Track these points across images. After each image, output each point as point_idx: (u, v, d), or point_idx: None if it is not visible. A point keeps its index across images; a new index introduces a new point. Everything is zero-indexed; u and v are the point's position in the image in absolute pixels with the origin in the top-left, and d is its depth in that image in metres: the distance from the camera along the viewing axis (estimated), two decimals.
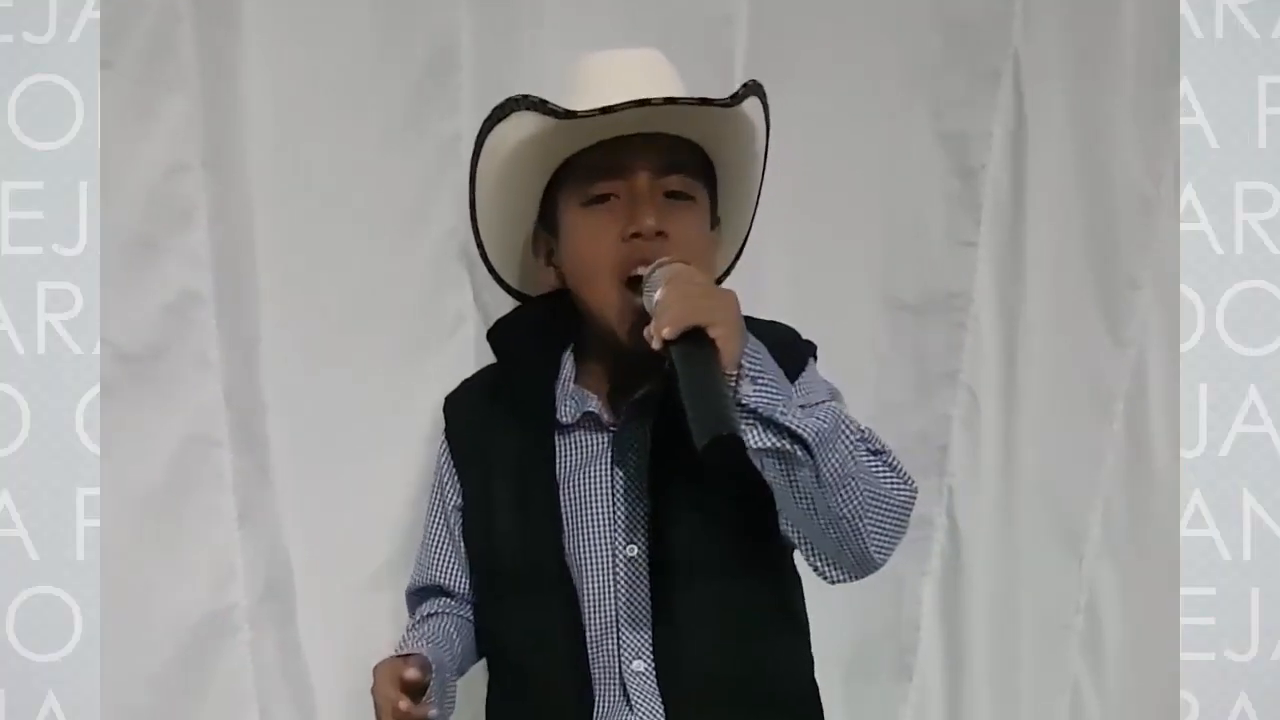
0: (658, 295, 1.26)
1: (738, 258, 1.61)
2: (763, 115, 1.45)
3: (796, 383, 1.34)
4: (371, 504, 1.68)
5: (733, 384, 1.21)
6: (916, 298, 1.85)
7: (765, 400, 1.21)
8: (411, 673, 1.22)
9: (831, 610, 1.77)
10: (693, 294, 1.24)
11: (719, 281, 1.57)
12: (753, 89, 1.39)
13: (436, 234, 1.68)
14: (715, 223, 1.48)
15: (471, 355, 1.70)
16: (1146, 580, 1.80)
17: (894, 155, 1.82)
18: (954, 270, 1.83)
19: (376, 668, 1.26)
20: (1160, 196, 1.78)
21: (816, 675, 1.47)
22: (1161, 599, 1.59)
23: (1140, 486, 1.83)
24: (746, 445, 1.20)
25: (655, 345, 1.20)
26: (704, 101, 1.34)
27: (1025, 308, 1.84)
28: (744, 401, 1.21)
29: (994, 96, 1.79)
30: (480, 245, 1.51)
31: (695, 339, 1.19)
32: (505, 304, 1.66)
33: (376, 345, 1.68)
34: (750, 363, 1.22)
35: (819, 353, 1.48)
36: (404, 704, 1.20)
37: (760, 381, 1.22)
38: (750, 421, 1.21)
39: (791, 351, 1.40)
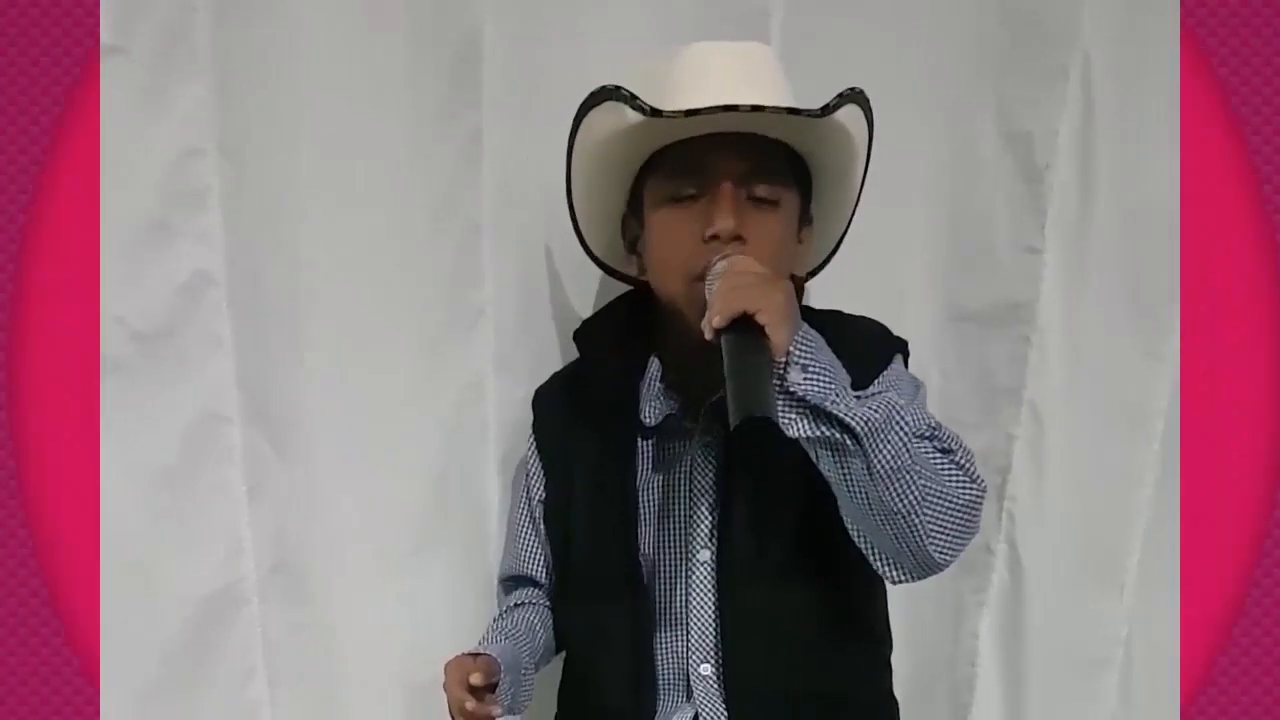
0: (714, 287, 1.35)
1: (832, 254, 1.69)
2: (864, 122, 1.51)
3: (879, 378, 1.42)
4: (390, 491, 1.79)
5: (781, 371, 1.28)
6: (981, 307, 1.88)
7: (815, 388, 1.29)
8: (476, 677, 1.36)
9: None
10: (742, 283, 1.32)
11: (809, 277, 1.68)
12: (849, 97, 1.45)
13: (459, 226, 1.76)
14: (808, 222, 1.56)
15: (491, 348, 1.79)
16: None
17: (956, 156, 1.85)
18: (1019, 279, 1.86)
19: (447, 665, 1.39)
20: None
21: None
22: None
23: (1171, 512, 1.80)
24: (799, 435, 1.29)
25: (708, 335, 1.29)
26: (793, 111, 1.41)
27: (1087, 321, 1.86)
28: (792, 389, 1.28)
29: (1062, 94, 1.81)
30: (576, 224, 1.61)
31: (744, 326, 1.28)
32: (527, 298, 1.80)
33: (397, 335, 1.77)
34: (801, 350, 1.29)
35: None
36: (470, 704, 1.35)
37: (811, 369, 1.29)
38: (800, 410, 1.29)
39: (876, 347, 1.50)
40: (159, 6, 1.63)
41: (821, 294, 1.75)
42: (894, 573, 1.38)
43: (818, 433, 1.29)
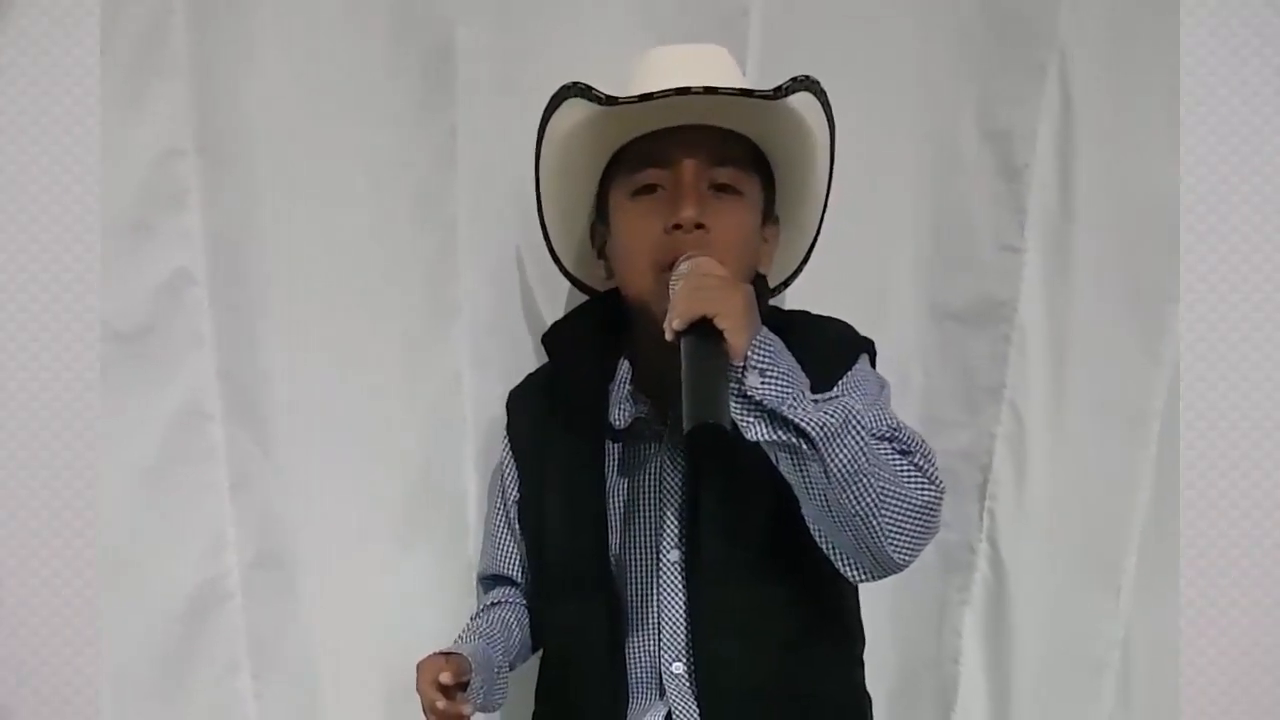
0: (677, 288, 1.39)
1: (806, 260, 1.72)
2: (822, 113, 1.56)
3: (843, 379, 1.47)
4: (369, 484, 1.86)
5: (739, 376, 1.32)
6: (963, 306, 1.91)
7: (772, 393, 1.32)
8: (445, 676, 1.39)
9: (876, 637, 1.85)
10: (702, 286, 1.37)
11: (783, 287, 1.73)
12: (803, 84, 1.50)
13: (436, 223, 1.83)
14: (774, 220, 1.61)
15: (468, 343, 1.86)
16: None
17: (938, 154, 1.89)
18: (1000, 277, 1.89)
19: (419, 664, 1.43)
20: None
21: None
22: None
23: (1170, 513, 1.79)
24: (756, 439, 1.33)
25: (669, 337, 1.33)
26: (744, 92, 1.46)
27: (1071, 320, 1.87)
28: (749, 393, 1.32)
29: (1041, 91, 1.83)
30: (547, 237, 1.67)
31: (704, 330, 1.31)
32: (504, 294, 1.86)
33: (376, 331, 1.84)
34: (759, 355, 1.33)
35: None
36: (441, 704, 1.39)
37: (768, 374, 1.33)
38: (757, 414, 1.33)
39: (840, 347, 1.54)
40: (137, 8, 1.71)
41: (804, 293, 1.79)
42: (854, 572, 1.42)
43: (774, 437, 1.33)
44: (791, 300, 1.79)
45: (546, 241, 1.67)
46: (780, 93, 1.48)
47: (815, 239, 1.71)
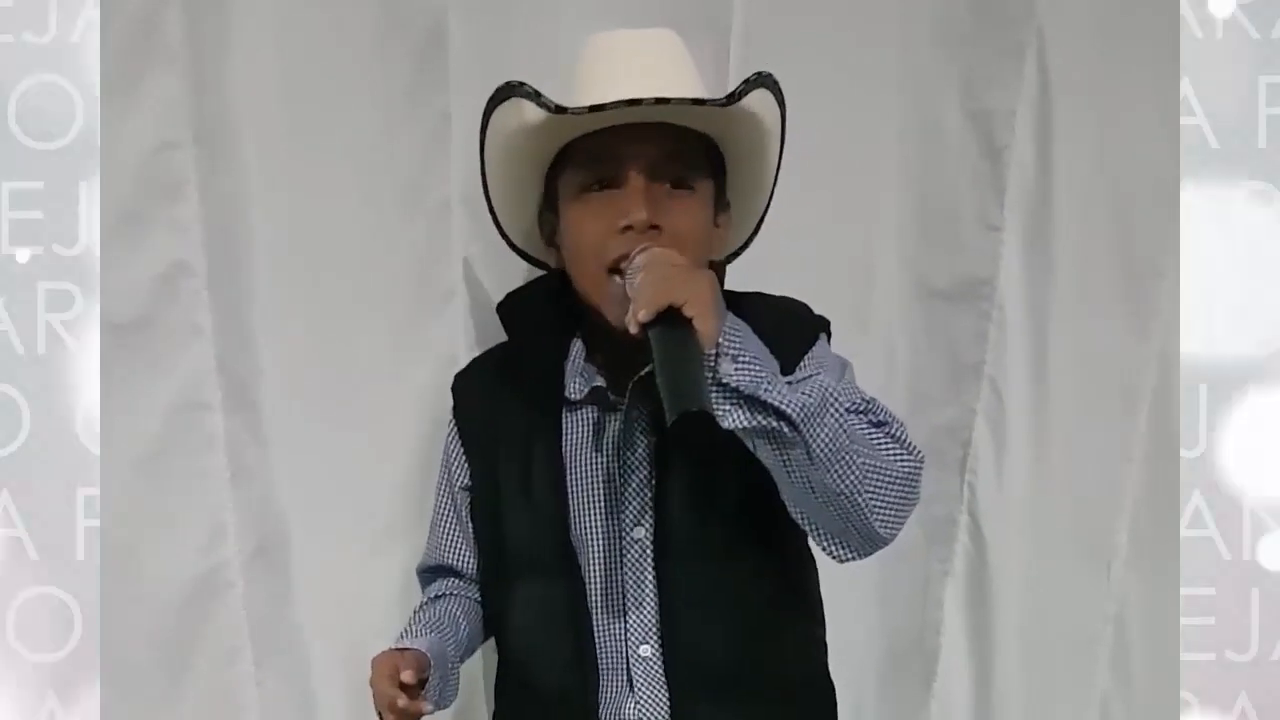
0: (636, 281, 1.38)
1: (753, 236, 1.72)
2: (775, 105, 1.54)
3: (805, 358, 1.46)
4: (367, 470, 1.88)
5: (712, 363, 1.30)
6: (947, 284, 1.97)
7: (747, 378, 1.30)
8: (407, 675, 1.37)
9: (861, 611, 1.94)
10: (666, 275, 1.34)
11: (732, 259, 1.70)
12: (756, 82, 1.48)
13: (429, 209, 1.86)
14: (725, 207, 1.59)
15: (461, 328, 1.89)
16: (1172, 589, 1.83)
17: (922, 135, 1.94)
18: (981, 256, 1.94)
19: (374, 660, 1.41)
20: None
21: (848, 674, 1.63)
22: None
23: (1166, 491, 1.81)
24: (735, 426, 1.31)
25: (633, 330, 1.31)
26: (698, 102, 1.45)
27: (1051, 297, 1.93)
28: (725, 380, 1.30)
29: (1019, 72, 1.89)
30: (495, 219, 1.65)
31: (671, 319, 1.29)
32: (496, 277, 1.87)
33: (372, 318, 1.86)
34: (730, 341, 1.31)
35: (844, 335, 1.59)
36: (401, 701, 1.36)
37: (741, 359, 1.31)
38: (734, 401, 1.30)
39: (799, 327, 1.53)
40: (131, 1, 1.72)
41: (789, 273, 1.77)
42: (840, 550, 1.40)
43: (754, 422, 1.31)
44: (776, 279, 1.76)
45: (497, 226, 1.67)
46: (733, 99, 1.46)
47: (763, 218, 1.70)
